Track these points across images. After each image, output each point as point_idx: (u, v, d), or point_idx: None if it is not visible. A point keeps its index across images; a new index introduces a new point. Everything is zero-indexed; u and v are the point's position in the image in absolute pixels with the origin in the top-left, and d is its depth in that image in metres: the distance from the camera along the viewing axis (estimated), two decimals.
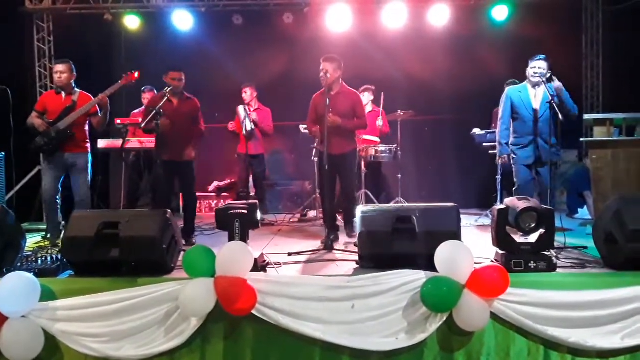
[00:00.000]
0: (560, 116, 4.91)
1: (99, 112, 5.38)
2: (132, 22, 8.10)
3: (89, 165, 5.43)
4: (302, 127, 6.99)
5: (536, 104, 5.28)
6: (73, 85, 5.41)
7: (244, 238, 3.89)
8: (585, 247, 4.43)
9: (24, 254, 4.12)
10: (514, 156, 5.40)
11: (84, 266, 3.75)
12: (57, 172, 5.30)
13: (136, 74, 5.39)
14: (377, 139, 7.21)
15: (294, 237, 5.75)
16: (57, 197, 5.33)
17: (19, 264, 3.90)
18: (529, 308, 3.40)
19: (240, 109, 6.91)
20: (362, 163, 6.98)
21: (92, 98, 5.35)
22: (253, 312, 3.38)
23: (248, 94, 7.07)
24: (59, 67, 5.34)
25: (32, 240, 5.38)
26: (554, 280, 3.58)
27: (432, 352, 3.46)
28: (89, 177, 5.43)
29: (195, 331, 3.42)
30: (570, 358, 3.45)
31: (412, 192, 7.47)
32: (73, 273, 3.83)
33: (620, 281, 3.51)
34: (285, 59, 8.17)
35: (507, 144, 5.43)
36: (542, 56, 5.24)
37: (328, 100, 4.96)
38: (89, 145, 5.50)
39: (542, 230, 3.72)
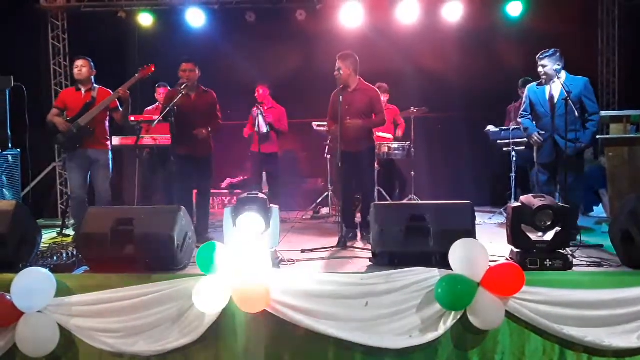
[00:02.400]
0: (576, 113, 4.86)
1: (119, 106, 5.40)
2: (145, 19, 8.15)
3: (110, 162, 5.46)
4: (315, 125, 6.98)
5: (552, 101, 5.21)
6: (93, 81, 5.43)
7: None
8: (602, 246, 4.39)
9: (39, 249, 4.16)
10: (535, 157, 5.32)
11: (99, 262, 3.78)
12: (82, 169, 5.32)
13: (152, 68, 5.39)
14: (390, 136, 7.19)
15: (307, 234, 5.75)
16: (86, 196, 5.35)
17: (35, 260, 3.94)
18: (545, 307, 3.37)
19: (256, 112, 6.87)
20: (376, 160, 6.96)
21: (111, 93, 5.37)
22: (266, 308, 3.39)
23: (262, 93, 7.07)
24: (79, 62, 5.37)
25: (48, 236, 5.43)
26: (569, 278, 3.54)
27: (446, 351, 3.44)
28: (110, 174, 5.46)
29: (209, 328, 3.43)
30: (586, 357, 3.42)
31: (426, 190, 7.43)
32: (88, 269, 3.85)
33: (637, 280, 3.46)
34: (298, 56, 8.16)
35: (532, 126, 5.28)
36: (545, 54, 5.10)
37: (341, 97, 4.91)
38: (109, 142, 5.52)
39: (558, 228, 3.68)
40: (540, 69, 5.17)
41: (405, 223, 3.74)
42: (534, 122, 5.26)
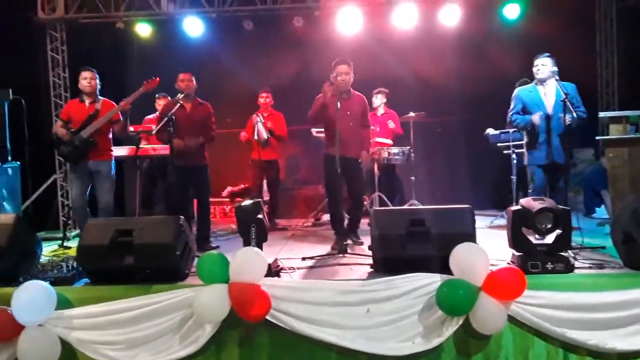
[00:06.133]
0: (574, 114, 4.87)
1: (121, 118, 5.42)
2: (143, 29, 8.17)
3: (113, 172, 5.47)
4: (315, 131, 6.98)
5: (548, 102, 5.23)
6: (98, 93, 5.46)
7: (260, 245, 3.88)
8: (603, 247, 4.37)
9: (40, 262, 4.15)
10: (528, 158, 5.34)
11: (99, 274, 3.77)
12: (83, 181, 5.36)
13: (157, 81, 5.41)
14: (389, 142, 7.18)
15: (307, 241, 5.74)
16: (87, 207, 5.38)
17: (35, 273, 3.93)
18: (547, 310, 3.35)
19: (255, 119, 6.87)
20: (376, 166, 6.96)
21: (115, 105, 5.39)
22: (267, 317, 3.37)
23: (266, 99, 7.06)
24: (87, 74, 5.40)
25: (49, 249, 5.42)
26: (572, 281, 3.52)
27: (449, 356, 3.42)
28: (113, 185, 5.47)
29: (210, 338, 3.41)
30: None
31: (426, 194, 7.41)
32: (89, 281, 3.84)
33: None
34: (296, 63, 8.17)
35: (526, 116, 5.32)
36: (546, 54, 5.20)
37: (340, 103, 4.86)
38: (112, 152, 5.54)
39: (558, 231, 3.67)
40: (539, 68, 5.18)
41: (405, 228, 3.72)
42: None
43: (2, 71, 6.41)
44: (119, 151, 6.82)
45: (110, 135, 5.51)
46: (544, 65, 5.17)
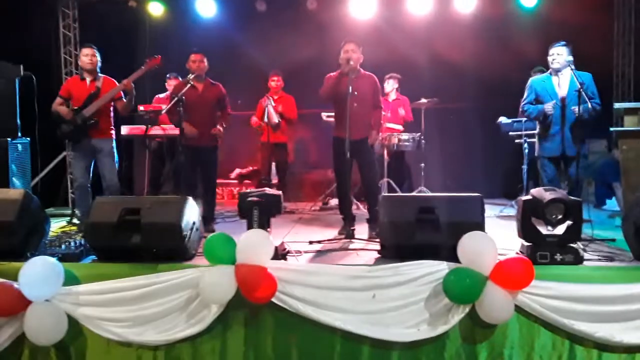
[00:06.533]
0: (588, 104, 4.80)
1: (123, 97, 5.41)
2: (156, 9, 8.13)
3: (115, 150, 5.47)
4: (325, 115, 6.94)
5: (561, 92, 5.15)
6: (98, 70, 5.44)
7: (263, 226, 3.87)
8: (614, 240, 4.33)
9: (48, 238, 4.17)
10: (539, 149, 5.27)
11: (106, 251, 3.78)
12: (85, 159, 5.37)
13: (159, 59, 5.37)
14: (400, 127, 7.13)
15: (314, 225, 5.73)
16: (89, 184, 5.39)
17: (43, 249, 3.95)
18: (555, 301, 3.32)
19: (266, 102, 6.83)
20: (385, 152, 6.92)
21: (116, 83, 5.38)
22: (273, 300, 3.37)
23: (277, 82, 7.02)
24: (89, 50, 5.38)
25: (57, 225, 5.45)
26: (580, 273, 3.49)
27: (454, 344, 3.41)
28: (116, 163, 5.47)
29: (216, 318, 3.43)
30: (596, 353, 3.38)
31: (436, 182, 7.37)
32: (96, 258, 3.86)
33: None
34: (308, 46, 8.07)
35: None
36: (561, 43, 5.09)
37: (350, 83, 4.76)
38: (113, 131, 5.55)
39: (569, 222, 3.63)
40: (554, 57, 5.08)
41: (414, 215, 3.69)
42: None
43: (14, 47, 6.41)
44: (129, 130, 6.85)
45: (112, 114, 5.50)
46: (559, 55, 5.08)
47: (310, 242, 4.49)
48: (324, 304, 3.39)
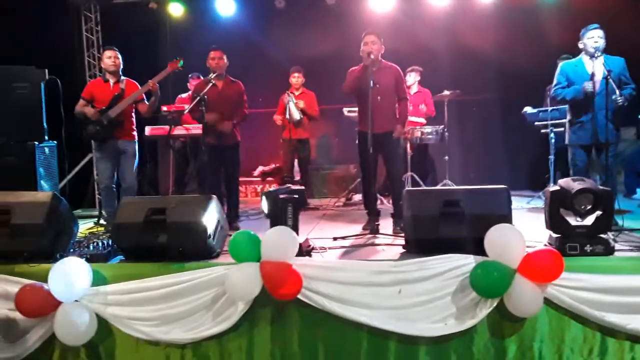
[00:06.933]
0: (617, 92, 4.66)
1: (145, 99, 5.47)
2: (176, 9, 8.18)
3: (137, 152, 5.55)
4: (346, 110, 6.91)
5: (595, 77, 4.97)
6: (120, 72, 5.51)
7: (297, 223, 3.86)
8: None
9: (76, 240, 4.24)
10: (570, 137, 5.13)
11: (133, 251, 3.82)
12: (110, 160, 5.46)
13: (181, 61, 5.41)
14: (423, 120, 7.07)
15: (338, 221, 5.71)
16: (113, 184, 5.48)
17: (71, 250, 4.01)
18: (585, 293, 3.26)
19: (286, 98, 6.83)
20: (408, 145, 6.87)
21: (138, 85, 5.45)
22: (299, 296, 3.37)
23: (298, 78, 7.02)
24: (111, 53, 5.47)
25: (85, 226, 5.53)
26: (611, 264, 3.41)
27: (482, 338, 3.37)
28: (136, 164, 5.55)
29: (242, 315, 3.44)
30: (628, 345, 3.31)
31: (460, 174, 7.29)
32: (123, 258, 3.90)
33: None
34: (328, 42, 8.05)
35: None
36: (596, 25, 4.91)
37: (372, 76, 4.68)
38: (136, 133, 5.61)
39: (598, 212, 3.55)
40: (595, 40, 4.88)
41: (438, 209, 3.64)
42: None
43: (39, 51, 6.52)
44: (152, 131, 6.91)
45: (134, 115, 5.57)
46: (600, 38, 4.88)
47: (335, 239, 4.47)
48: (350, 300, 3.38)
